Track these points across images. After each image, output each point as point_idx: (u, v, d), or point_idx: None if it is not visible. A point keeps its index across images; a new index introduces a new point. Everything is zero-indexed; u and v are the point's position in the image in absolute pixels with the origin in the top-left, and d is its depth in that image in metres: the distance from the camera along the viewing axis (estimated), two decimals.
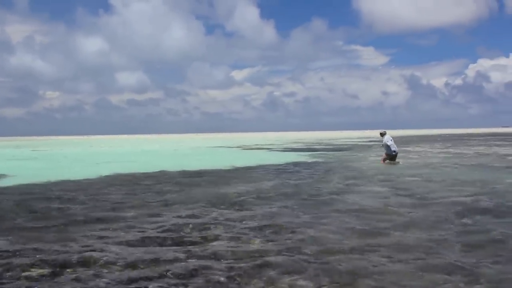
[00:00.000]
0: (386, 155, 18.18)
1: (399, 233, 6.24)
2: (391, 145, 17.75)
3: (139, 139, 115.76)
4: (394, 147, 17.88)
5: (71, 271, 4.81)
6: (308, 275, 4.56)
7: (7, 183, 13.81)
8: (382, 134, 18.32)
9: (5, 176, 16.26)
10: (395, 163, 17.76)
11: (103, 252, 5.48)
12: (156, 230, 6.66)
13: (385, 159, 18.24)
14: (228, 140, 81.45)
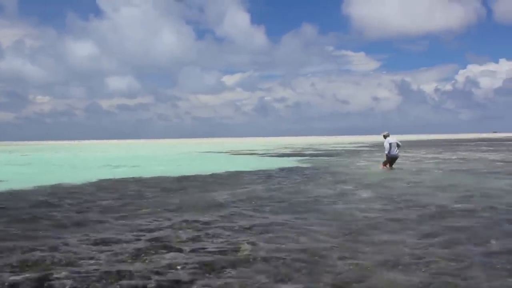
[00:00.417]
0: (386, 158, 18.12)
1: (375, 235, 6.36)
2: (387, 147, 17.78)
3: (130, 144, 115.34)
4: (388, 150, 17.72)
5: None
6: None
7: None
8: (385, 136, 18.05)
9: None
10: (391, 168, 17.76)
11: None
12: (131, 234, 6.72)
13: (385, 163, 18.13)
14: (218, 145, 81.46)
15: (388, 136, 17.99)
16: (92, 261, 5.36)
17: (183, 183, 14.48)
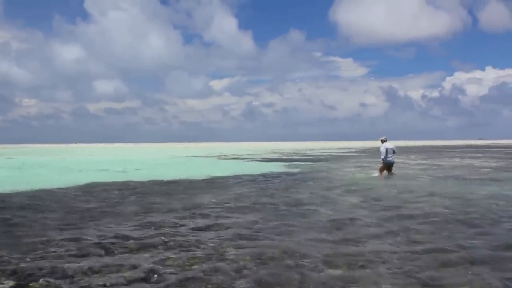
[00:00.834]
0: (382, 163, 17.89)
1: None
2: (383, 152, 17.47)
3: (117, 148, 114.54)
4: (384, 156, 17.44)
5: None
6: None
7: None
8: (383, 141, 17.71)
9: None
10: (389, 175, 17.60)
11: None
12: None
13: (382, 170, 17.88)
14: (206, 149, 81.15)
15: (386, 141, 17.68)
16: None
17: (164, 187, 14.29)
